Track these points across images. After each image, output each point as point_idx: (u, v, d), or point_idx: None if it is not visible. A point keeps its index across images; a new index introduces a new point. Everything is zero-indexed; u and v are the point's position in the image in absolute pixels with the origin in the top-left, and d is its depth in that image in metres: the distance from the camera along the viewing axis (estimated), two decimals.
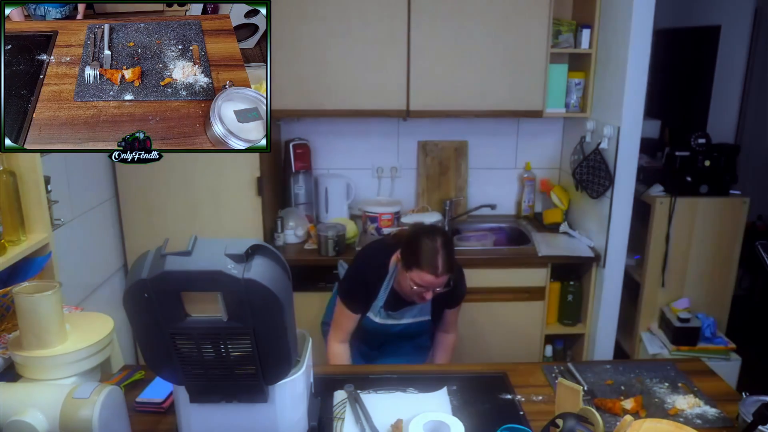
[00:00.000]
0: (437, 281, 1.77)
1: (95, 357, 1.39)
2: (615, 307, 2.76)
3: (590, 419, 1.19)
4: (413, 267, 1.78)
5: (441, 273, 1.76)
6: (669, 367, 1.69)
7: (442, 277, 1.77)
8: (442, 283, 1.79)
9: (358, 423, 1.37)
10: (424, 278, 1.77)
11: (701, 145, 2.78)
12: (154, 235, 2.49)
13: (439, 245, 1.77)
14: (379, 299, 1.94)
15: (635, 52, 2.43)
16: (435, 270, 1.75)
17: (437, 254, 1.76)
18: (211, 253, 1.00)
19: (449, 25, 2.63)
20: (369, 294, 1.95)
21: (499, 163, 3.19)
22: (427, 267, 1.76)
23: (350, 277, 2.03)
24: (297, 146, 2.90)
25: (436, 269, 1.75)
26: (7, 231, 1.54)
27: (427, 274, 1.76)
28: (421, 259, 1.77)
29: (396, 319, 1.97)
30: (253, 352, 1.07)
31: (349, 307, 1.94)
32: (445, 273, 1.76)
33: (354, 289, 1.96)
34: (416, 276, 1.78)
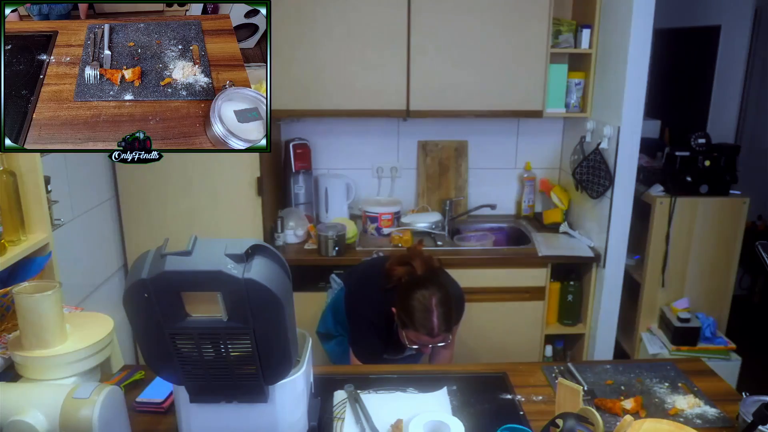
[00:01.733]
0: (434, 341, 1.70)
1: (95, 357, 1.38)
2: (615, 307, 2.76)
3: (590, 419, 1.19)
4: (408, 327, 1.71)
5: (437, 333, 1.67)
6: (669, 367, 1.69)
7: (439, 337, 1.69)
8: (441, 341, 1.71)
9: (358, 423, 1.37)
10: (420, 338, 1.70)
11: (701, 145, 2.78)
12: (154, 235, 2.49)
13: (434, 304, 1.67)
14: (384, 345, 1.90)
15: (635, 52, 2.43)
16: (431, 331, 1.67)
17: (432, 314, 1.66)
18: (211, 253, 1.00)
19: (449, 25, 2.63)
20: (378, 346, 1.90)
21: (499, 163, 3.19)
22: (422, 328, 1.67)
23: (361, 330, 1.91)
24: (297, 146, 2.90)
25: (432, 330, 1.67)
26: (7, 231, 1.54)
27: (423, 336, 1.69)
28: (415, 321, 1.68)
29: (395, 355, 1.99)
30: (253, 352, 1.07)
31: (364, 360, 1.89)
32: (441, 332, 1.68)
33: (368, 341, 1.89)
34: (412, 335, 1.71)
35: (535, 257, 2.67)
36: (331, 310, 2.15)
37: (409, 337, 1.73)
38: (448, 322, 1.69)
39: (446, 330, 1.69)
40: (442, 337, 1.70)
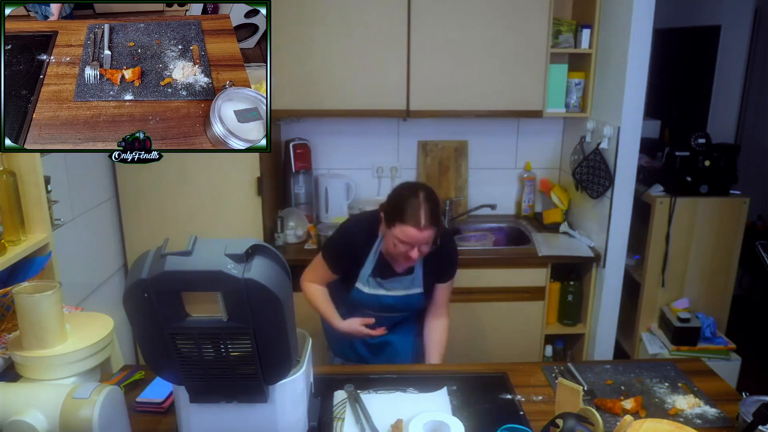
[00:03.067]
0: (421, 235, 1.69)
1: (95, 357, 1.39)
2: (615, 307, 2.76)
3: (590, 419, 1.19)
4: (395, 222, 1.71)
5: (424, 226, 1.68)
6: (669, 367, 1.69)
7: (426, 231, 1.69)
8: (427, 239, 1.71)
9: (358, 423, 1.37)
10: (407, 233, 1.69)
11: (701, 145, 2.78)
12: (154, 235, 2.49)
13: (422, 199, 1.70)
14: (367, 266, 1.87)
15: (635, 52, 2.43)
16: (418, 223, 1.67)
17: (420, 207, 1.69)
18: (211, 253, 1.00)
19: (449, 25, 2.63)
20: (354, 259, 1.87)
21: (499, 163, 3.19)
22: (409, 220, 1.68)
23: (337, 236, 1.94)
24: (297, 146, 2.90)
25: (418, 222, 1.67)
26: (7, 231, 1.54)
27: (410, 228, 1.68)
28: (403, 213, 1.69)
29: (386, 288, 1.89)
30: (253, 352, 1.07)
31: (330, 265, 1.89)
32: (428, 227, 1.69)
33: (339, 250, 1.90)
34: (399, 232, 1.70)
35: (535, 257, 2.67)
36: None
37: (396, 235, 1.71)
38: (434, 217, 1.71)
39: (432, 224, 1.69)
40: (428, 233, 1.70)
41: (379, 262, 1.88)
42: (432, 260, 1.86)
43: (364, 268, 1.87)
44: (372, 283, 1.89)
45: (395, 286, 1.90)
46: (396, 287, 1.90)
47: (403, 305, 1.93)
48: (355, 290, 1.91)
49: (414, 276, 1.89)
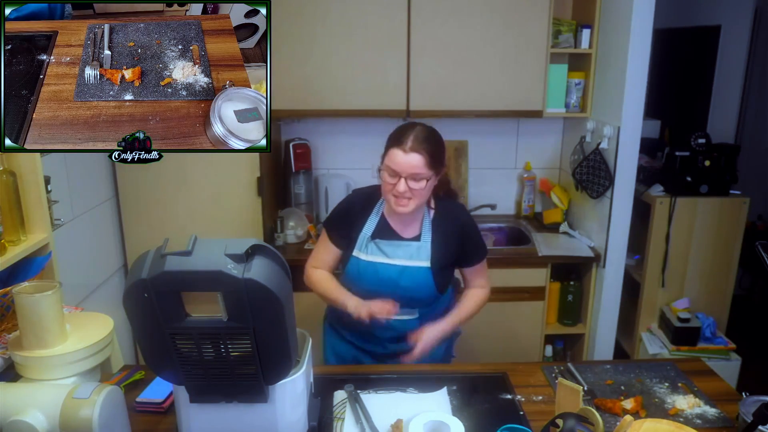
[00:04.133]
0: (406, 159, 1.59)
1: (95, 357, 1.39)
2: (615, 307, 2.76)
3: (590, 419, 1.19)
4: (386, 149, 1.65)
5: (410, 149, 1.60)
6: (669, 367, 1.69)
7: (411, 155, 1.60)
8: (415, 167, 1.60)
9: (358, 423, 1.37)
10: (392, 157, 1.62)
11: (701, 145, 2.79)
12: (154, 235, 2.48)
13: (415, 126, 1.65)
14: (367, 228, 1.76)
15: (635, 52, 2.43)
16: (402, 145, 1.60)
17: (408, 131, 1.63)
18: (211, 253, 1.00)
19: (449, 25, 2.63)
20: (355, 223, 1.77)
21: (499, 163, 3.19)
22: (394, 142, 1.63)
23: (338, 205, 1.86)
24: (297, 146, 2.90)
25: (403, 144, 1.60)
26: (7, 231, 1.54)
27: (395, 150, 1.61)
28: (392, 138, 1.65)
29: (387, 255, 1.74)
30: (253, 352, 1.07)
31: (331, 235, 1.80)
32: (415, 151, 1.60)
33: (340, 215, 1.81)
34: (387, 159, 1.63)
35: (535, 257, 2.67)
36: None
37: (385, 166, 1.64)
38: (424, 143, 1.62)
39: (419, 150, 1.60)
40: (415, 159, 1.60)
41: (381, 223, 1.77)
42: (442, 231, 1.76)
43: (363, 231, 1.76)
44: (371, 247, 1.75)
45: (397, 252, 1.74)
46: (398, 254, 1.74)
47: (407, 282, 1.74)
48: (351, 262, 1.77)
49: (420, 244, 1.75)
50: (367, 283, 1.75)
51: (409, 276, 1.74)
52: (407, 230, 1.78)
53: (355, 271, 1.77)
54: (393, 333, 1.79)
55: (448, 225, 1.78)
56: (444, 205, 1.82)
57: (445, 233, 1.77)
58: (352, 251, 1.77)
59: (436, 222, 1.78)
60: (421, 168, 1.62)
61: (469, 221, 1.84)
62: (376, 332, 1.79)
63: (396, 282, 1.73)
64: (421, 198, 1.67)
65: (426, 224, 1.77)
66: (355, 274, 1.77)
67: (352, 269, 1.77)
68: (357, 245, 1.76)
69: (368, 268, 1.75)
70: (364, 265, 1.75)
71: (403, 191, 1.63)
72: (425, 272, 1.74)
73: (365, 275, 1.75)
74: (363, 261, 1.75)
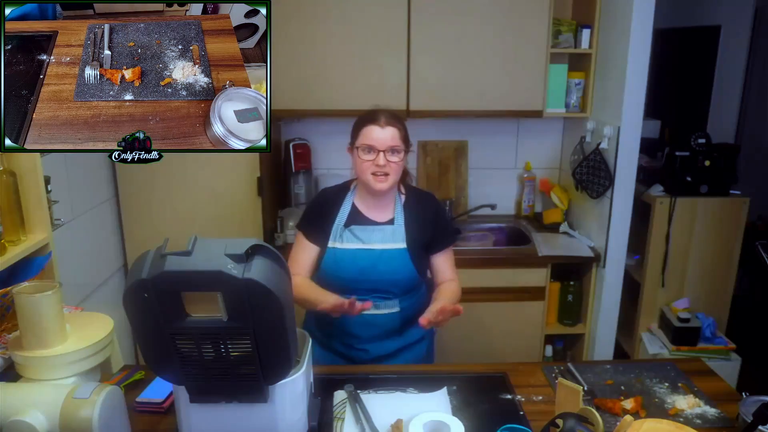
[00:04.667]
0: (383, 133, 1.68)
1: (95, 357, 1.39)
2: (615, 307, 2.76)
3: (590, 419, 1.19)
4: (357, 131, 1.73)
5: (385, 122, 1.69)
6: (669, 367, 1.69)
7: (388, 128, 1.68)
8: (392, 140, 1.69)
9: (358, 423, 1.37)
10: (369, 134, 1.69)
11: (701, 145, 2.79)
12: (154, 235, 2.48)
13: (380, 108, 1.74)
14: (340, 217, 1.78)
15: (635, 52, 2.43)
16: (377, 121, 1.69)
17: (377, 111, 1.72)
18: (211, 253, 1.00)
19: (449, 25, 2.63)
20: (327, 215, 1.80)
21: (499, 163, 3.19)
22: (367, 121, 1.70)
23: (308, 204, 1.93)
24: (297, 146, 2.90)
25: (378, 121, 1.69)
26: (7, 231, 1.54)
27: (370, 126, 1.69)
28: (361, 120, 1.73)
29: (363, 241, 1.75)
30: (253, 352, 1.07)
31: (305, 231, 1.80)
32: (390, 123, 1.69)
33: (311, 211, 1.85)
34: (361, 138, 1.71)
35: (535, 257, 2.67)
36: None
37: (360, 144, 1.71)
38: (396, 118, 1.72)
39: (394, 123, 1.70)
40: (391, 131, 1.69)
41: (353, 211, 1.80)
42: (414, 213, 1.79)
43: (336, 221, 1.78)
44: (346, 235, 1.76)
45: (372, 237, 1.76)
46: (374, 239, 1.76)
47: (386, 266, 1.74)
48: (328, 254, 1.76)
49: (394, 227, 1.78)
50: (345, 272, 1.75)
51: (387, 259, 1.75)
52: (380, 215, 1.80)
53: (332, 262, 1.76)
54: (375, 330, 1.79)
55: (420, 209, 1.82)
56: (414, 192, 1.89)
57: (417, 216, 1.80)
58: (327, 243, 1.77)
59: (408, 206, 1.82)
60: (397, 141, 1.70)
61: (439, 207, 1.90)
62: (358, 331, 1.78)
63: (374, 267, 1.74)
64: (396, 174, 1.73)
65: (398, 208, 1.81)
66: (332, 265, 1.76)
67: (329, 260, 1.76)
68: (331, 236, 1.77)
69: (345, 257, 1.75)
70: (341, 253, 1.75)
71: (383, 164, 1.68)
72: (403, 254, 1.76)
73: (343, 264, 1.75)
74: (339, 250, 1.75)
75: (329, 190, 1.90)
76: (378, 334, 1.80)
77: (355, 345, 1.81)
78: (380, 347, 1.81)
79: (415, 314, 1.73)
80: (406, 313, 1.81)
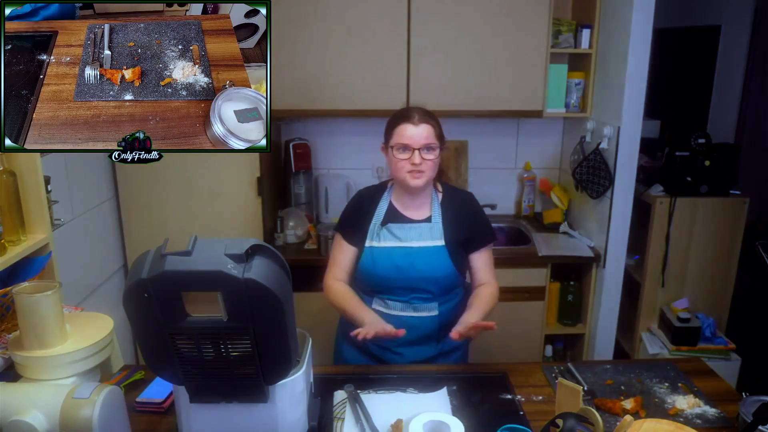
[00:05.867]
0: (417, 131, 1.67)
1: (95, 357, 1.39)
2: (615, 307, 2.77)
3: (590, 419, 1.19)
4: (391, 130, 1.72)
5: (419, 120, 1.68)
6: (669, 367, 1.69)
7: (422, 125, 1.68)
8: (427, 138, 1.68)
9: (358, 423, 1.37)
10: (403, 133, 1.68)
11: (701, 145, 2.79)
12: (154, 235, 2.48)
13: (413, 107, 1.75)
14: (377, 217, 1.78)
15: (635, 52, 2.43)
16: (411, 119, 1.68)
17: (411, 109, 1.73)
18: (211, 253, 1.00)
19: (449, 26, 2.63)
20: (365, 215, 1.79)
21: (499, 163, 3.19)
22: (401, 120, 1.70)
23: (347, 206, 1.89)
24: (297, 146, 2.90)
25: (412, 119, 1.68)
26: (7, 231, 1.54)
27: (404, 125, 1.68)
28: (395, 118, 1.73)
29: (401, 239, 1.74)
30: (253, 352, 1.07)
31: (345, 235, 1.79)
32: (423, 121, 1.69)
33: (349, 212, 1.84)
34: (396, 137, 1.69)
35: (535, 257, 2.67)
36: None
37: (395, 144, 1.70)
38: (429, 114, 1.72)
39: (427, 120, 1.70)
40: (425, 129, 1.68)
41: (390, 210, 1.79)
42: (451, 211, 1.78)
43: (374, 220, 1.78)
44: (383, 234, 1.76)
45: (410, 234, 1.75)
46: (411, 236, 1.75)
47: (424, 264, 1.72)
48: (365, 254, 1.75)
49: (432, 225, 1.76)
50: (383, 270, 1.74)
51: (426, 257, 1.73)
52: (417, 213, 1.79)
53: (369, 261, 1.75)
54: (413, 334, 1.74)
55: (457, 206, 1.81)
56: (451, 189, 1.88)
57: (454, 213, 1.79)
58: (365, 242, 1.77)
59: (445, 203, 1.80)
60: (432, 138, 1.69)
61: (477, 204, 1.88)
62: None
63: (412, 264, 1.73)
64: (432, 171, 1.72)
65: (435, 205, 1.80)
66: (370, 265, 1.75)
67: (366, 259, 1.75)
68: (369, 235, 1.76)
69: (382, 255, 1.74)
70: (378, 252, 1.74)
71: (419, 162, 1.67)
72: (441, 251, 1.74)
73: (380, 262, 1.74)
74: (377, 248, 1.75)
75: (365, 191, 1.89)
76: (416, 338, 1.76)
77: (392, 347, 1.78)
78: (416, 352, 1.78)
79: (452, 320, 1.70)
80: (444, 318, 1.77)
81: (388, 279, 1.74)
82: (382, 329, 1.58)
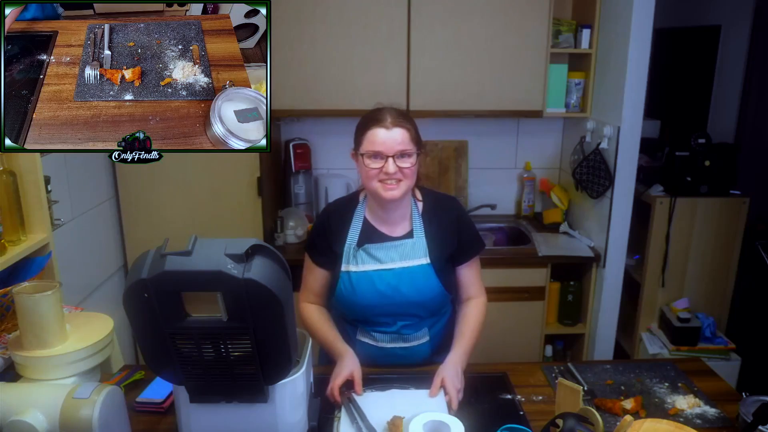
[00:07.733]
0: (390, 136, 1.47)
1: (95, 357, 1.39)
2: (615, 307, 2.76)
3: (590, 419, 1.19)
4: (361, 135, 1.51)
5: (392, 123, 1.48)
6: (669, 367, 1.69)
7: (395, 130, 1.48)
8: (401, 142, 1.49)
9: (354, 423, 1.37)
10: (374, 139, 1.48)
11: (701, 145, 2.79)
12: (154, 235, 2.48)
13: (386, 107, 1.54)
14: (351, 237, 1.58)
15: (635, 52, 2.43)
16: (383, 122, 1.48)
17: (383, 110, 1.52)
18: (211, 253, 1.00)
19: (449, 25, 2.63)
20: (336, 235, 1.59)
21: (499, 163, 3.19)
22: (372, 123, 1.50)
23: (313, 224, 1.70)
24: (297, 146, 2.90)
25: (383, 122, 1.48)
26: (7, 231, 1.54)
27: (376, 129, 1.48)
28: (365, 122, 1.52)
29: (380, 261, 1.56)
30: (253, 352, 1.07)
31: (313, 257, 1.61)
32: (396, 125, 1.49)
33: (317, 231, 1.63)
34: (366, 144, 1.49)
35: (535, 257, 2.67)
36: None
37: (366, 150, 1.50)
38: (403, 116, 1.53)
39: (401, 123, 1.50)
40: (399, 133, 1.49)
41: (365, 228, 1.59)
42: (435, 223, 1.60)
43: (347, 241, 1.57)
44: (360, 256, 1.56)
45: (391, 255, 1.56)
46: (392, 257, 1.56)
47: (409, 286, 1.55)
48: (342, 279, 1.56)
49: (414, 241, 1.58)
50: (364, 298, 1.56)
51: (410, 278, 1.55)
52: (396, 228, 1.61)
53: (348, 287, 1.57)
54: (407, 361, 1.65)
55: (441, 216, 1.63)
56: (432, 196, 1.69)
57: (438, 225, 1.61)
58: (340, 268, 1.58)
59: (427, 215, 1.62)
60: (408, 143, 1.51)
61: (463, 212, 1.70)
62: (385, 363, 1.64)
63: (396, 289, 1.55)
64: (410, 180, 1.54)
65: (416, 218, 1.62)
66: (349, 292, 1.57)
67: (344, 286, 1.57)
68: (344, 259, 1.57)
69: (362, 280, 1.55)
70: (357, 277, 1.56)
71: (393, 172, 1.49)
72: (427, 270, 1.56)
73: (360, 289, 1.56)
74: (354, 273, 1.56)
75: (333, 206, 1.69)
76: (407, 364, 1.65)
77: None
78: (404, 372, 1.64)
79: (445, 339, 1.62)
80: (436, 341, 1.66)
81: (371, 306, 1.57)
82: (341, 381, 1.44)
